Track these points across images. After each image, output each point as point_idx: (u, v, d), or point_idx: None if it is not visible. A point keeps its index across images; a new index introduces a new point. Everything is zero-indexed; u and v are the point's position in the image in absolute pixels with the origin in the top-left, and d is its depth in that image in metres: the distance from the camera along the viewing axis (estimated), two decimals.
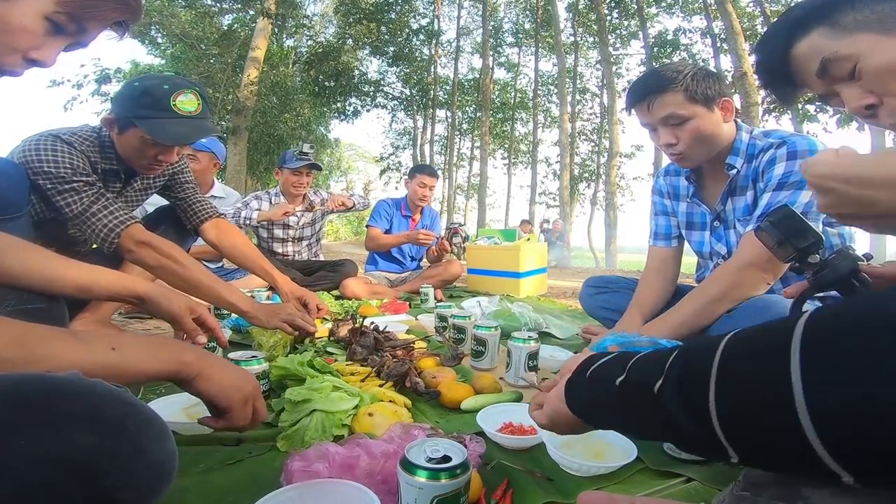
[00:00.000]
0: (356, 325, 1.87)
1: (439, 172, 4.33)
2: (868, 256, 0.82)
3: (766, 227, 0.88)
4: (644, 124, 1.63)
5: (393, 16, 20.56)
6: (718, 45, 14.24)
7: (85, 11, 0.79)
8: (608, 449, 1.06)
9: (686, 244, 1.93)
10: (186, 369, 0.76)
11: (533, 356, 1.58)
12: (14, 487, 0.44)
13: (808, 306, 1.51)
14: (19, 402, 0.48)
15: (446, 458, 0.72)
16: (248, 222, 3.40)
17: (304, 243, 3.82)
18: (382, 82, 23.09)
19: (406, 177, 4.28)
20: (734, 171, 1.62)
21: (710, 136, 1.57)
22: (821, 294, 0.94)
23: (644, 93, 1.57)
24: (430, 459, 0.71)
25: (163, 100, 1.62)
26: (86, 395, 0.51)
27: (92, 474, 0.47)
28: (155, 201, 2.22)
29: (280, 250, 3.71)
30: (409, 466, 0.70)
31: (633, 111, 1.64)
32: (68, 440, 0.47)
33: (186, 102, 1.65)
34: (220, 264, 3.39)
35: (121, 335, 0.76)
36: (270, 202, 3.70)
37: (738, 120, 1.65)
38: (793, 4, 0.97)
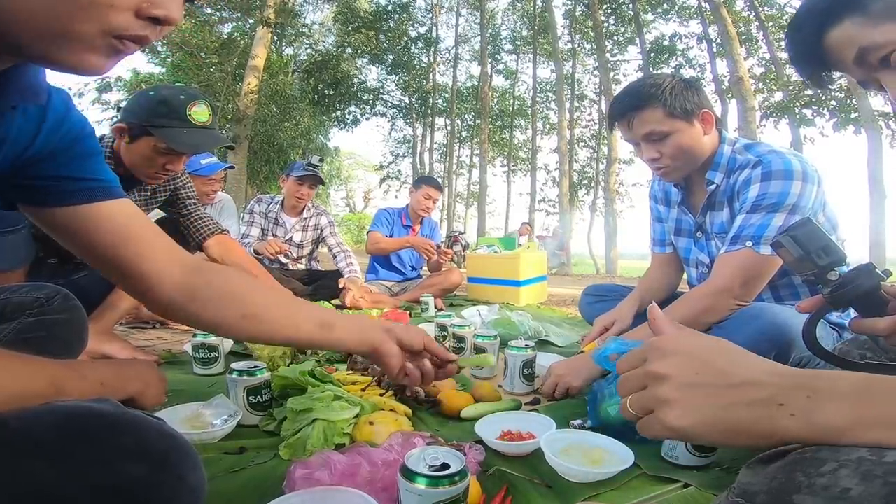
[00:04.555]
0: None
1: (440, 181, 4.34)
2: (888, 273, 0.80)
3: (786, 242, 0.85)
4: (627, 140, 1.64)
5: (391, 24, 20.69)
6: (715, 50, 14.29)
7: None
8: (606, 455, 1.07)
9: None
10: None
11: (528, 364, 1.59)
12: None
13: (823, 329, 1.53)
14: (77, 435, 0.52)
15: (445, 466, 0.74)
16: (247, 246, 3.44)
17: (294, 255, 3.80)
18: (381, 90, 23.23)
19: (409, 186, 4.29)
20: (713, 186, 1.62)
21: (692, 150, 1.57)
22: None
23: (623, 110, 1.57)
24: (429, 467, 0.73)
25: (179, 109, 1.66)
26: (134, 428, 0.56)
27: (141, 502, 0.52)
28: (154, 214, 2.23)
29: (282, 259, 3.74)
30: (409, 474, 0.72)
31: (615, 127, 1.65)
32: (121, 471, 0.52)
33: (200, 113, 1.69)
34: None
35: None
36: (268, 206, 3.74)
37: (723, 130, 1.65)
38: None
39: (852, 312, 0.84)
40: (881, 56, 0.81)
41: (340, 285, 3.35)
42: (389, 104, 23.88)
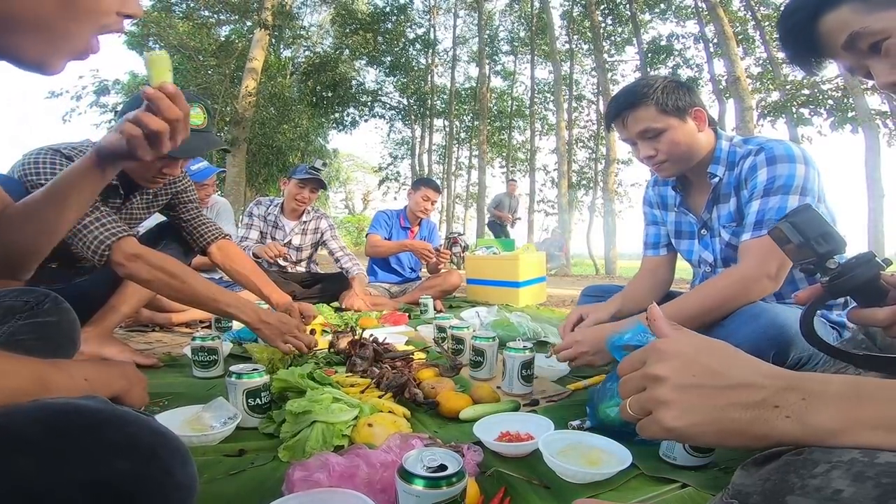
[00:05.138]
0: (356, 338, 1.89)
1: (438, 183, 4.33)
2: (888, 262, 0.78)
3: (785, 228, 0.83)
4: (624, 139, 1.68)
5: (389, 26, 20.68)
6: (711, 50, 14.31)
7: None
8: (604, 456, 1.08)
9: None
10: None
11: (527, 365, 1.60)
12: None
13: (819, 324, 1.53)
14: (64, 431, 0.52)
15: (442, 467, 0.74)
16: (247, 249, 3.43)
17: (293, 258, 3.79)
18: (380, 92, 23.18)
19: (408, 187, 4.29)
20: (716, 179, 1.65)
21: (687, 146, 1.60)
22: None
23: (618, 110, 1.62)
24: (426, 468, 0.73)
25: None
26: (121, 424, 0.56)
27: (127, 499, 0.52)
28: (154, 217, 2.23)
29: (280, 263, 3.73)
30: (407, 475, 0.72)
31: (612, 128, 1.70)
32: (108, 467, 0.52)
33: (194, 116, 1.67)
34: (219, 276, 3.41)
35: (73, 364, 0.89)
36: (268, 209, 3.73)
37: (717, 128, 1.69)
38: None
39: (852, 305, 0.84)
40: (871, 42, 0.82)
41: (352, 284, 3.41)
42: (388, 106, 23.83)
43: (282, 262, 3.69)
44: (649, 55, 16.79)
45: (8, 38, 0.65)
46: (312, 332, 1.90)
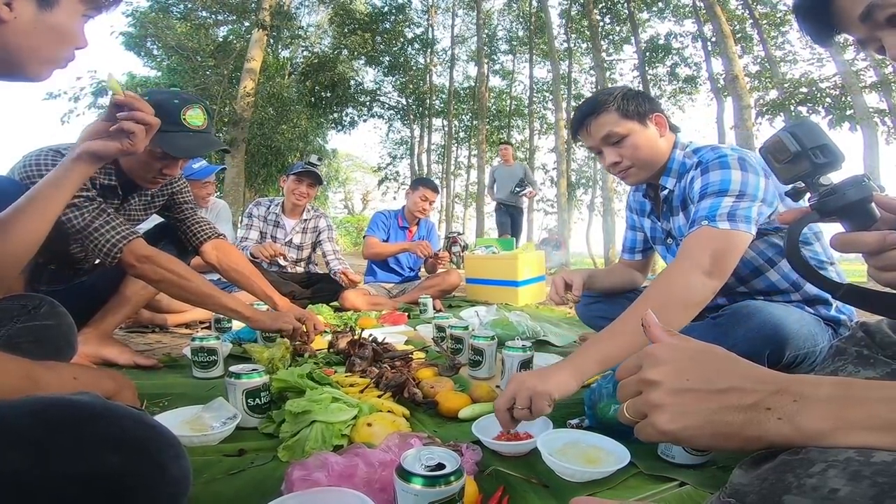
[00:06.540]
0: (355, 338, 1.89)
1: (437, 182, 4.34)
2: (882, 188, 0.75)
3: (784, 137, 0.78)
4: (590, 148, 1.71)
5: (387, 25, 20.63)
6: (709, 48, 14.31)
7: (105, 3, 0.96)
8: (603, 454, 1.08)
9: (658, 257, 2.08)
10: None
11: (525, 364, 1.60)
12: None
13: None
14: (53, 424, 0.52)
15: (441, 466, 0.74)
16: (245, 249, 3.42)
17: (293, 257, 3.79)
18: (378, 92, 23.13)
19: (406, 187, 4.29)
20: (665, 192, 1.69)
21: (649, 150, 1.64)
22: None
23: (581, 118, 1.66)
24: (425, 467, 0.74)
25: (174, 114, 1.65)
26: (111, 418, 0.56)
27: (119, 492, 0.52)
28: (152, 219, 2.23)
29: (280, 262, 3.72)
30: (405, 474, 0.72)
31: (579, 139, 1.73)
32: (97, 461, 0.52)
33: (195, 116, 1.69)
34: (217, 278, 3.40)
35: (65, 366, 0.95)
36: (268, 209, 3.73)
37: (678, 135, 1.71)
38: None
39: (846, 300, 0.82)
40: (889, 14, 0.80)
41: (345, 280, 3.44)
42: (387, 106, 23.78)
43: (281, 262, 3.69)
44: (647, 54, 16.79)
45: (12, 62, 0.84)
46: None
